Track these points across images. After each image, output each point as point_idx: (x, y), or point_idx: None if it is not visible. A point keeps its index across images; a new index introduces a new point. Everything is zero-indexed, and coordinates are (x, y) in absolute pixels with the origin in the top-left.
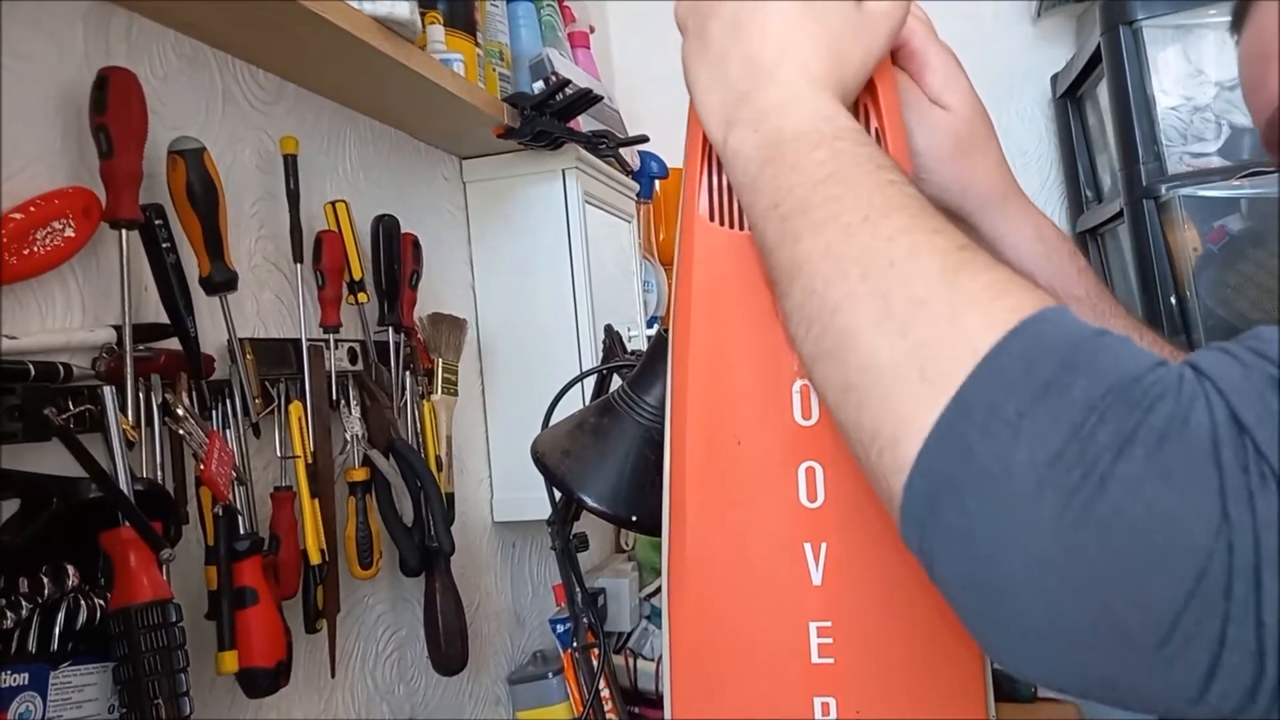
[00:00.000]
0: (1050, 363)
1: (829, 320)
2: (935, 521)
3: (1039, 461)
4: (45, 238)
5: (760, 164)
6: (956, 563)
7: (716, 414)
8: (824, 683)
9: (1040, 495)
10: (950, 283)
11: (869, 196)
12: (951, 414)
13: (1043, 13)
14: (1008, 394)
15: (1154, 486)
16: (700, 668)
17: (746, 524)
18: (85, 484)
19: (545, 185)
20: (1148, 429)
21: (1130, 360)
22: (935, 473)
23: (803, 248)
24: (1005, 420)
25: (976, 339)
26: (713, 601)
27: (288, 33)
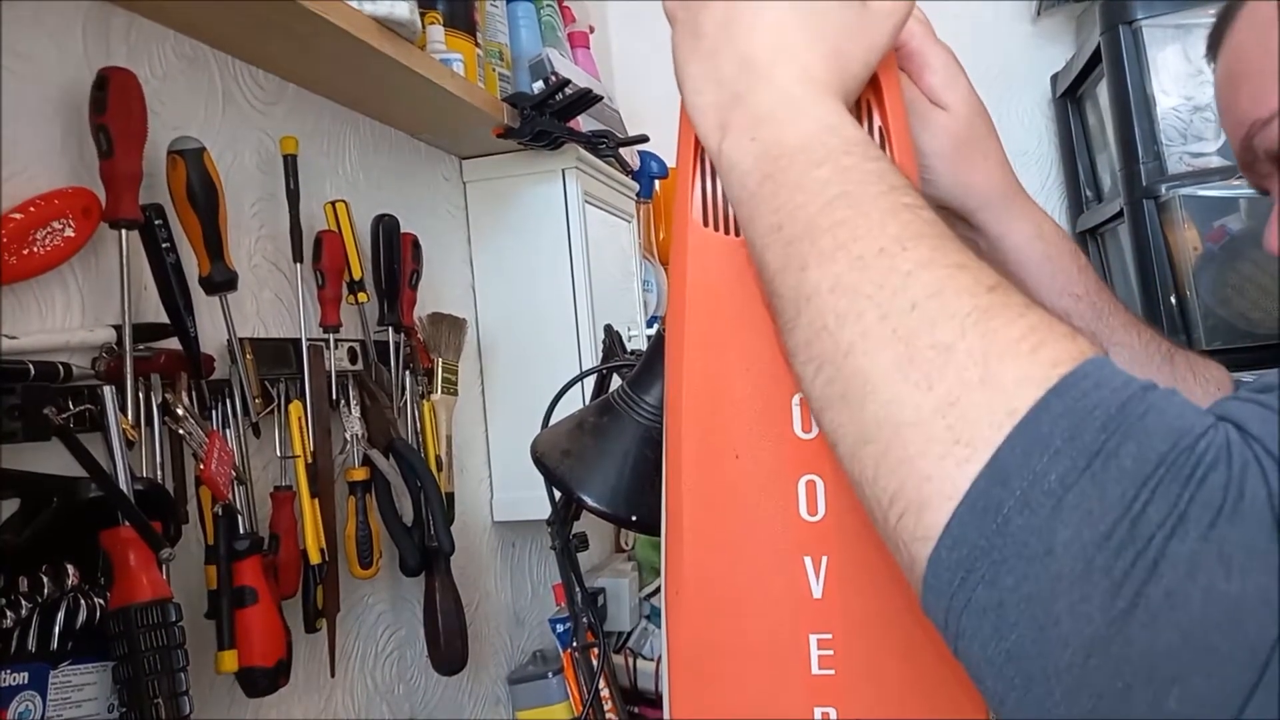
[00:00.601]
0: (1096, 426)
1: (841, 363)
2: (965, 597)
3: (1086, 540)
4: (45, 238)
5: (760, 179)
6: (987, 644)
7: (713, 427)
8: (825, 693)
9: (1087, 578)
10: (982, 329)
11: (883, 224)
12: (986, 481)
13: (1042, 12)
14: (1050, 461)
15: (1211, 569)
16: (699, 680)
17: (745, 537)
18: (85, 484)
19: (545, 185)
20: (1200, 505)
21: (1181, 420)
22: (967, 544)
23: (810, 278)
24: (1047, 491)
25: (1014, 397)
26: (712, 613)
27: (288, 33)
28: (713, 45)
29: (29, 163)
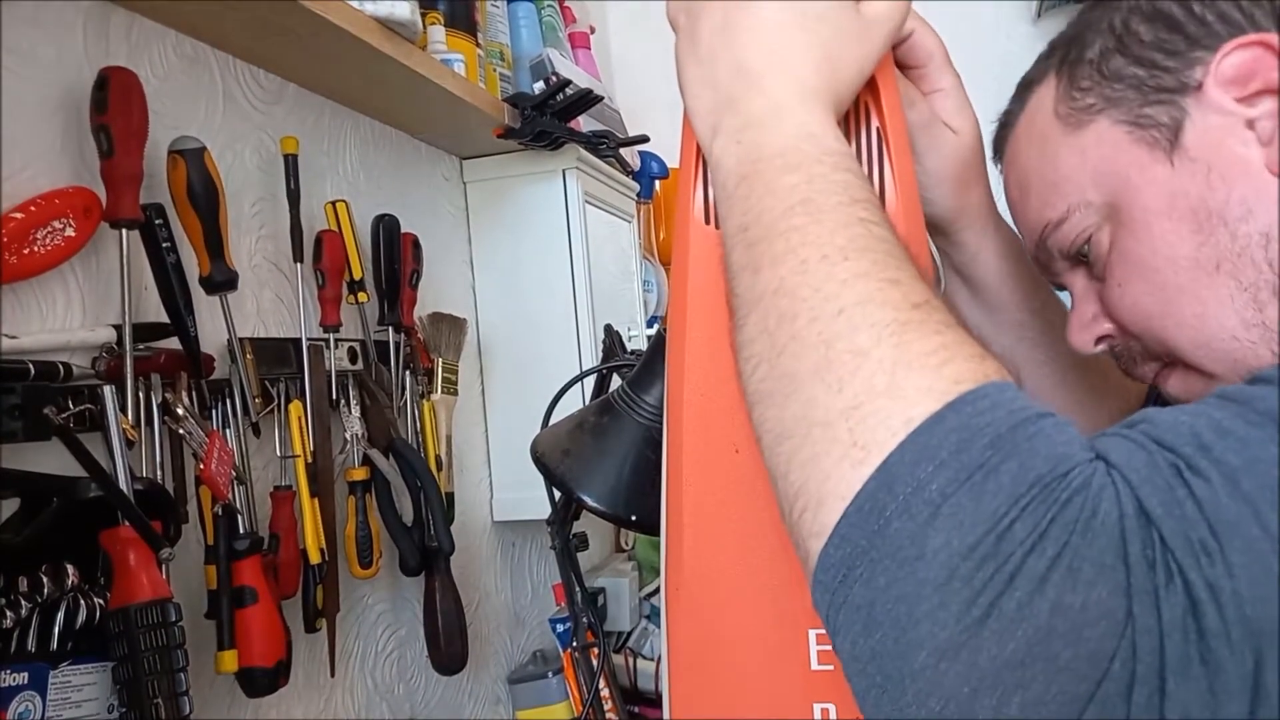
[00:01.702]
0: (983, 444)
1: (775, 362)
2: (844, 594)
3: (954, 550)
4: (45, 237)
5: (737, 180)
6: (856, 641)
7: (713, 421)
8: (824, 689)
9: (949, 586)
10: (896, 340)
11: (833, 233)
12: (875, 483)
13: (1043, 13)
14: (935, 471)
15: (1059, 583)
16: (699, 674)
17: (745, 531)
18: (85, 483)
19: (545, 185)
20: (1060, 525)
21: (1065, 449)
22: (851, 543)
23: (761, 280)
24: (928, 499)
25: (913, 406)
26: (711, 608)
27: (288, 33)
28: (710, 52)
29: (29, 162)
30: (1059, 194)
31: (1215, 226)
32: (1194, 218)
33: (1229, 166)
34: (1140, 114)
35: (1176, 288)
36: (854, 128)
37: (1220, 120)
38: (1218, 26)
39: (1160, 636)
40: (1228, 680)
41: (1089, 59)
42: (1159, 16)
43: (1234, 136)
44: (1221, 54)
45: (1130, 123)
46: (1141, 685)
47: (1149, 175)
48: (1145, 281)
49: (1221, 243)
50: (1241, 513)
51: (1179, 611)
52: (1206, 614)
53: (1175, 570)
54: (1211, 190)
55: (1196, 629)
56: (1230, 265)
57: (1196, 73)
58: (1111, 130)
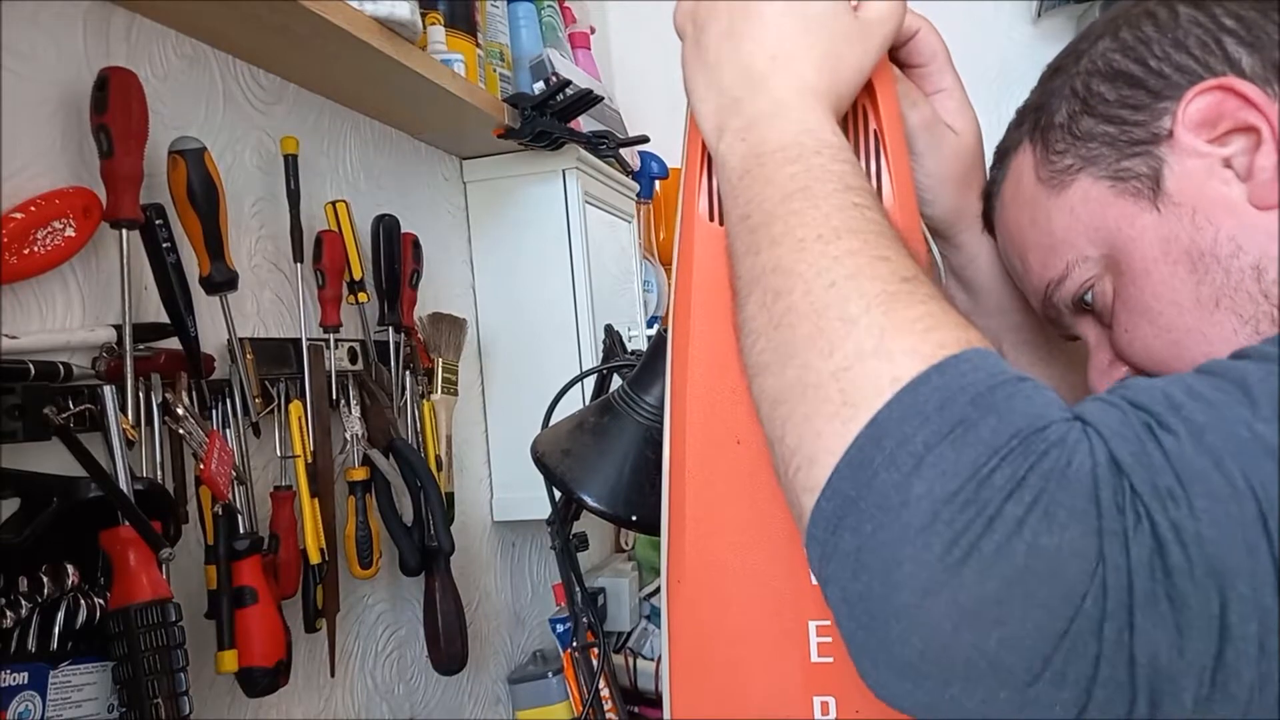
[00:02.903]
0: (965, 400)
1: (772, 334)
2: (834, 543)
3: (936, 496)
4: (46, 237)
5: (740, 175)
6: (845, 586)
7: (716, 413)
8: (824, 682)
9: (931, 529)
10: (885, 308)
11: (828, 216)
12: (864, 439)
13: (1043, 13)
14: (919, 425)
15: (1035, 526)
16: (699, 667)
17: (746, 523)
18: (85, 483)
19: (545, 185)
20: (1038, 473)
21: (1042, 407)
22: (841, 495)
23: (760, 261)
24: (911, 451)
25: (900, 367)
26: (712, 600)
27: (288, 33)
28: (715, 56)
29: (29, 162)
30: (1056, 254)
31: (1209, 265)
32: (1188, 259)
33: (1213, 206)
34: (1119, 168)
35: (1183, 329)
36: (852, 130)
37: (1197, 163)
38: (1176, 77)
39: (1129, 574)
40: (1192, 616)
41: (1059, 123)
42: (1118, 76)
43: (1214, 177)
44: (1185, 102)
45: (1111, 177)
46: (1111, 620)
47: (1139, 225)
48: (1152, 325)
49: (1217, 280)
50: (1205, 463)
51: (1146, 551)
52: (1171, 553)
53: (1143, 514)
54: (1199, 231)
55: (1163, 567)
56: (1229, 301)
57: (1165, 122)
58: (1095, 186)
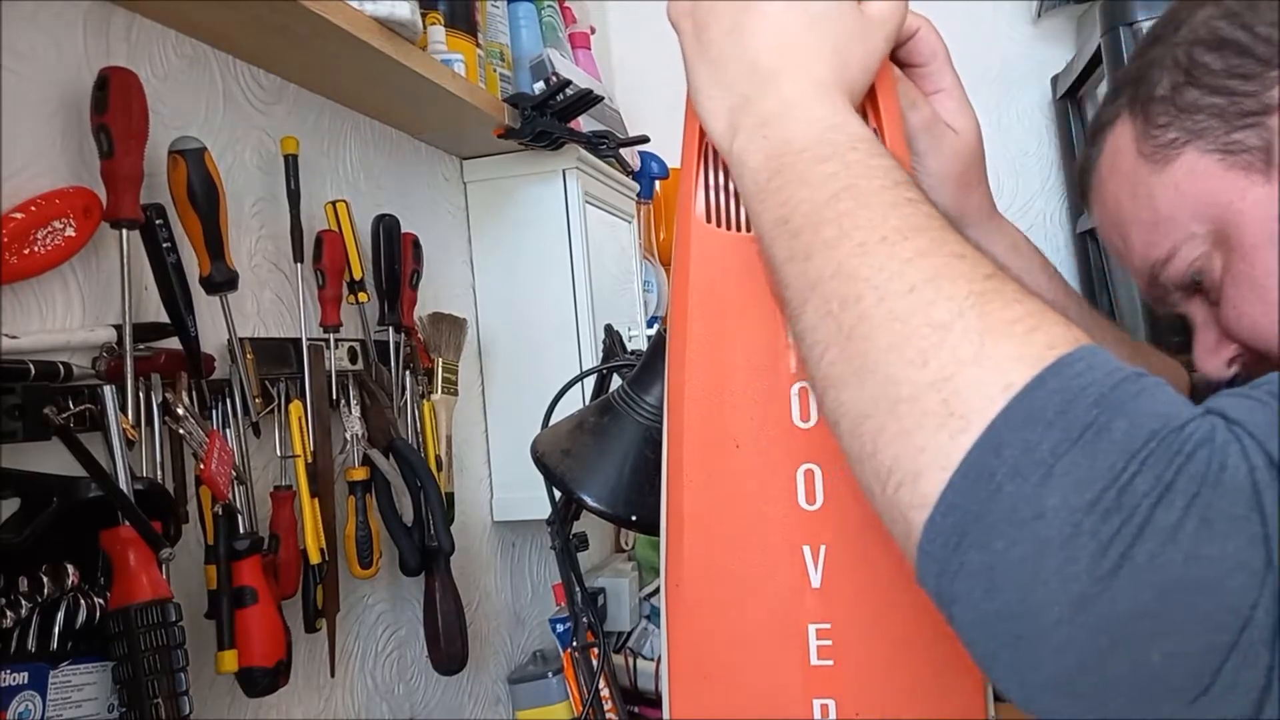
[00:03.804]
0: (1088, 403)
1: (844, 345)
2: (958, 561)
3: (1074, 506)
4: (46, 237)
5: (768, 175)
6: (978, 605)
7: (714, 417)
8: (823, 685)
9: (1075, 541)
10: (978, 312)
11: (884, 215)
12: (980, 450)
13: (1043, 13)
14: (1043, 433)
15: (1194, 536)
16: (699, 670)
17: (745, 526)
18: (85, 483)
19: (545, 185)
20: (1187, 477)
21: (1171, 405)
22: (960, 509)
23: (814, 266)
24: (1038, 460)
25: (1009, 373)
26: (711, 604)
27: (288, 33)
28: (720, 52)
29: (29, 162)
30: (1161, 232)
31: None
32: None
33: None
34: (1228, 141)
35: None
36: None
37: None
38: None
39: None
40: None
41: (1160, 95)
42: (1224, 45)
43: None
44: None
45: (1220, 150)
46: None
47: (1250, 199)
48: (1262, 303)
49: None
50: None
51: None
52: None
53: None
54: None
55: None
56: None
57: (1275, 93)
58: (1202, 160)
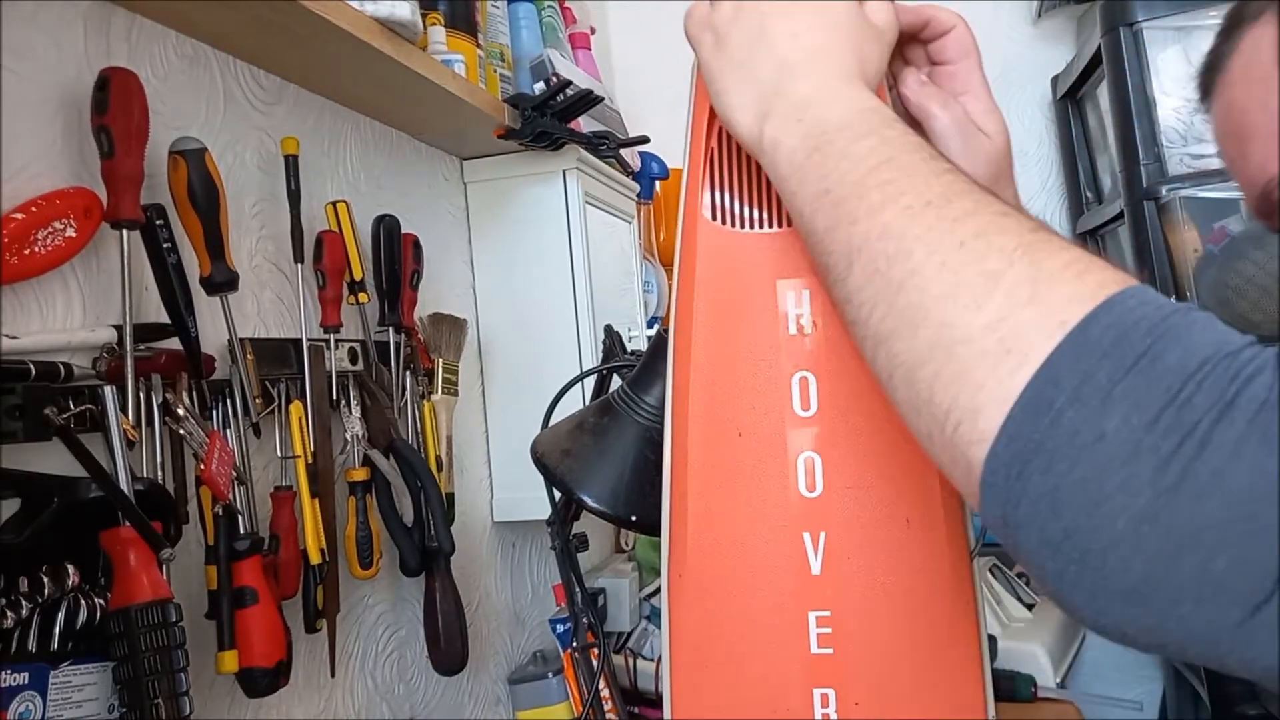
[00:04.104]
0: (1141, 333)
1: (894, 298)
2: (1021, 487)
3: (1135, 425)
4: (46, 238)
5: (807, 152)
6: (1045, 527)
7: (717, 406)
8: (823, 674)
9: (1136, 458)
10: (1029, 260)
11: (928, 183)
12: (1039, 382)
13: (1043, 14)
14: (1099, 362)
15: (1255, 450)
16: (700, 660)
17: (746, 513)
18: (85, 483)
19: (546, 186)
20: (1248, 397)
21: (1224, 334)
22: (1022, 439)
23: (859, 230)
24: (1097, 387)
25: (1063, 311)
26: (712, 591)
27: (289, 33)
28: (747, 55)
29: (30, 162)
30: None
31: None
32: None
33: None
34: None
35: None
36: None
37: None
38: None
39: None
40: None
41: None
42: None
43: None
44: None
45: None
46: None
47: None
48: None
49: None
50: None
51: None
52: None
53: None
54: None
55: None
56: None
57: None
58: None
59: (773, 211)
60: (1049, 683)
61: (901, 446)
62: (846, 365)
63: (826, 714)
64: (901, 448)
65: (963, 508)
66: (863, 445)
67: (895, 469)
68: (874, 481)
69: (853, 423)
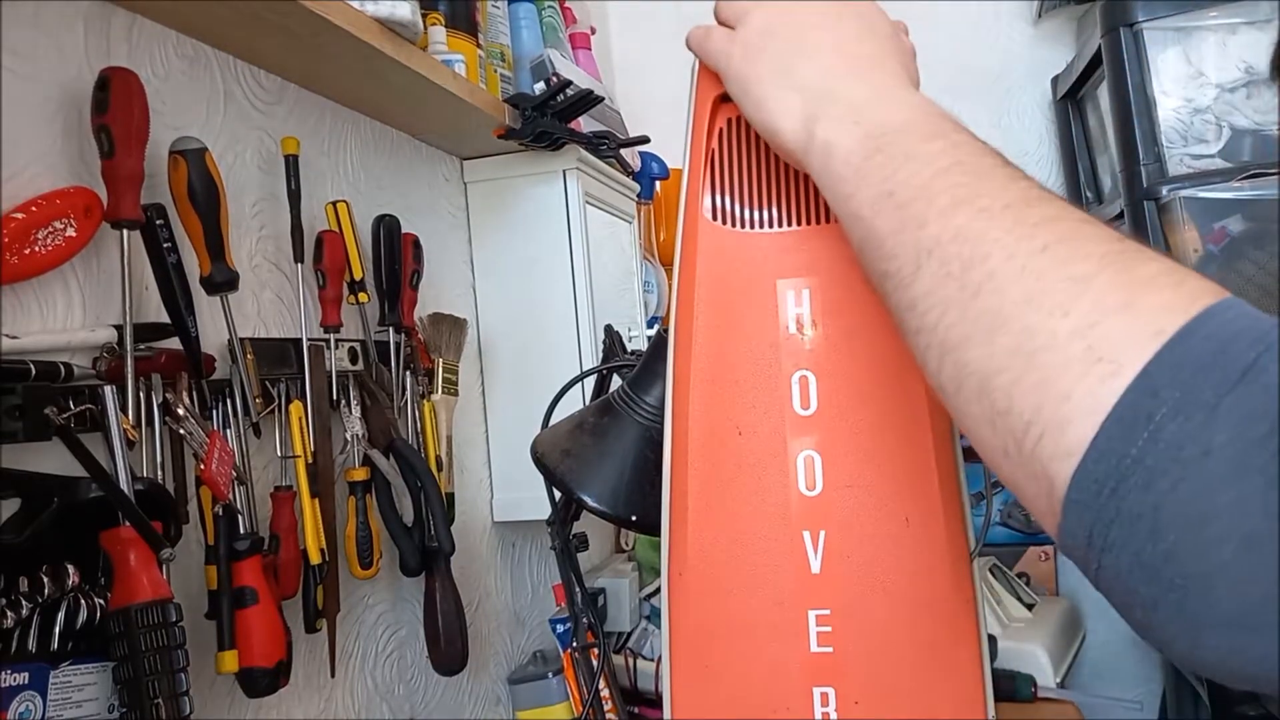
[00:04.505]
0: (1244, 346)
1: (968, 304)
2: (1115, 506)
3: (1247, 440)
4: (46, 237)
5: (867, 153)
6: (1141, 549)
7: (717, 405)
8: (823, 672)
9: (1246, 478)
10: (1118, 267)
11: (1003, 186)
12: (1135, 394)
13: (1043, 14)
14: (1202, 375)
15: None
16: (700, 659)
17: (746, 512)
18: (85, 483)
19: (546, 186)
20: None
21: None
22: (1116, 453)
23: (929, 233)
24: (1201, 402)
25: (1158, 320)
26: (712, 590)
27: (289, 33)
28: (788, 63)
29: (30, 162)
30: None
31: None
32: None
33: None
34: None
35: None
36: None
37: None
38: None
39: None
40: None
41: None
42: None
43: None
44: None
45: None
46: None
47: None
48: None
49: None
50: None
51: None
52: None
53: None
54: None
55: None
56: None
57: None
58: None
59: (773, 211)
60: (1049, 683)
61: (901, 445)
62: (846, 364)
63: (826, 713)
64: (901, 447)
65: (963, 507)
66: (862, 444)
67: (895, 468)
68: (874, 480)
69: (852, 422)
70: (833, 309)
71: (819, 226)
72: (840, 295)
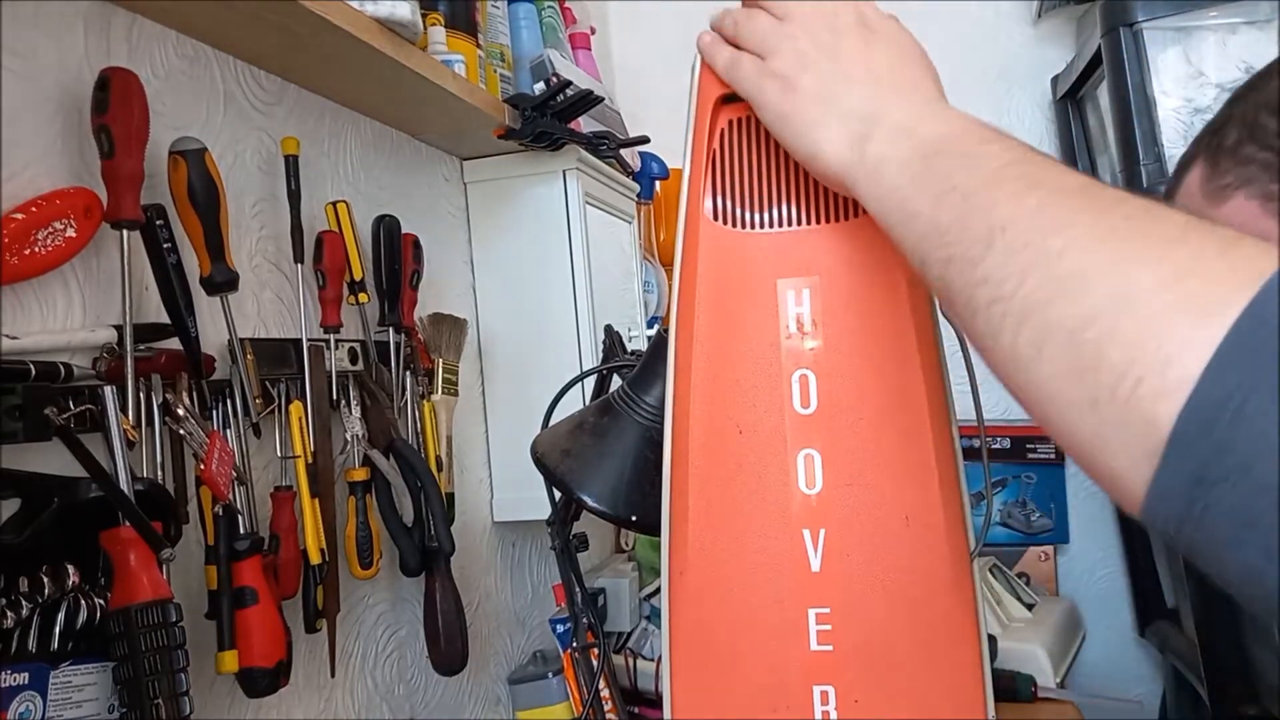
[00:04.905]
0: None
1: (1052, 266)
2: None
3: None
4: (46, 238)
5: (924, 159)
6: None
7: (718, 404)
8: (823, 670)
9: None
10: (1202, 229)
11: (1068, 174)
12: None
13: (1043, 14)
14: None
15: None
16: (700, 657)
17: (747, 510)
18: (85, 484)
19: (546, 186)
20: None
21: None
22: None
23: (1002, 211)
24: None
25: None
26: (714, 590)
27: (289, 34)
28: (826, 94)
29: (30, 163)
30: None
31: None
32: None
33: None
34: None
35: None
36: None
37: None
38: None
39: None
40: None
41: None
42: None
43: None
44: None
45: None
46: None
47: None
48: None
49: None
50: None
51: None
52: None
53: None
54: None
55: None
56: None
57: None
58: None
59: (774, 211)
60: (1049, 683)
61: (901, 444)
62: (846, 364)
63: (826, 711)
64: (901, 446)
65: (963, 507)
66: (862, 443)
67: (895, 467)
68: (873, 479)
69: (852, 421)
70: (833, 309)
71: (820, 226)
72: (841, 295)
